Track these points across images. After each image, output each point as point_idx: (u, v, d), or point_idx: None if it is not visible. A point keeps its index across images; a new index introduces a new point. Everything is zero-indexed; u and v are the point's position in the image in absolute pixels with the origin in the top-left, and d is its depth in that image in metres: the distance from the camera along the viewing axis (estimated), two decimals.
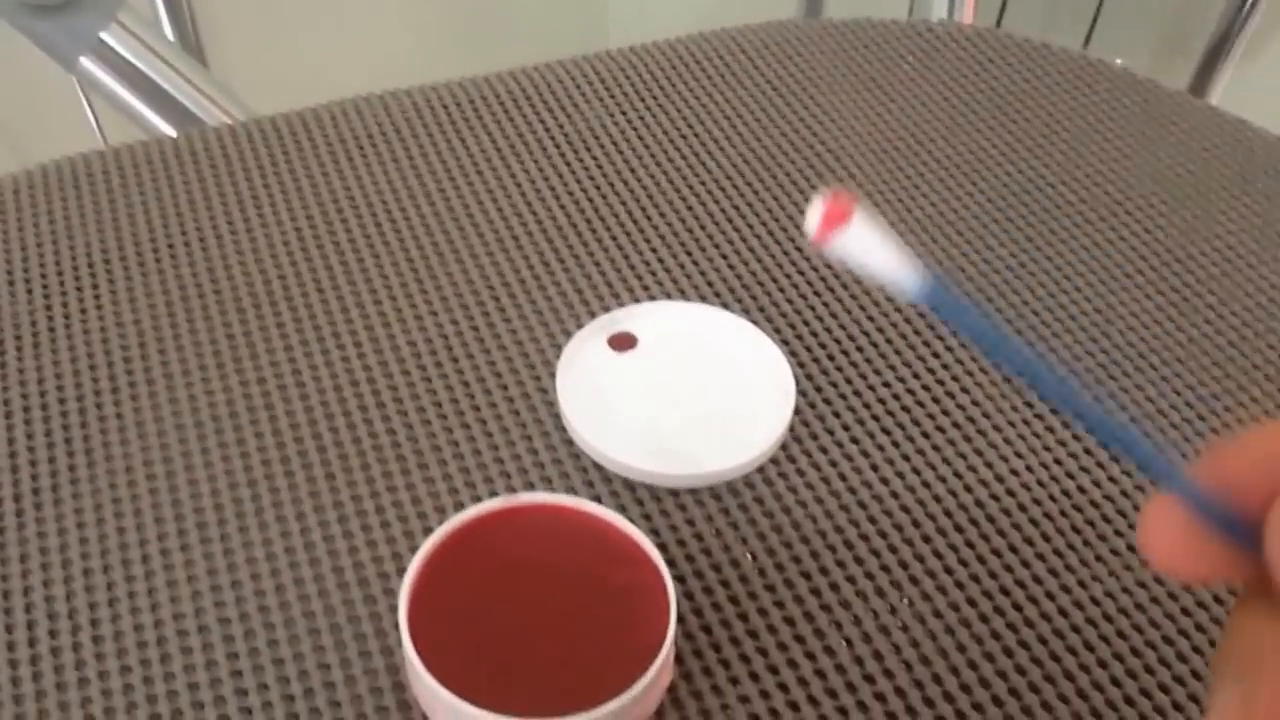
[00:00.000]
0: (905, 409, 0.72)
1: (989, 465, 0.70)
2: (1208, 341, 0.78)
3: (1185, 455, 0.71)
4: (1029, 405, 0.73)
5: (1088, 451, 0.71)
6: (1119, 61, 1.00)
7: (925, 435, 0.71)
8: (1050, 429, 0.72)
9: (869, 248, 0.39)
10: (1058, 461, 0.70)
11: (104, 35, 1.45)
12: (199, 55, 2.08)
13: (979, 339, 0.40)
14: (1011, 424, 0.72)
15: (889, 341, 0.76)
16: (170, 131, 1.46)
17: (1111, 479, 0.70)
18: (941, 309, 0.40)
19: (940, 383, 0.74)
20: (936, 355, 0.76)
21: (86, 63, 1.46)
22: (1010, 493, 0.69)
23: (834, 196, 0.38)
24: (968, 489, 0.69)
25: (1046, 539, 0.66)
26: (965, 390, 0.74)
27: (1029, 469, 0.70)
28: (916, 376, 0.74)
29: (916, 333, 0.77)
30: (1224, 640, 0.40)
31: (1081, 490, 0.69)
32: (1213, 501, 0.39)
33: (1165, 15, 2.13)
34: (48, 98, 1.85)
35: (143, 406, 0.71)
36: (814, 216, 0.39)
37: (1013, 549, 0.66)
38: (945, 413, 0.72)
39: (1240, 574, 0.39)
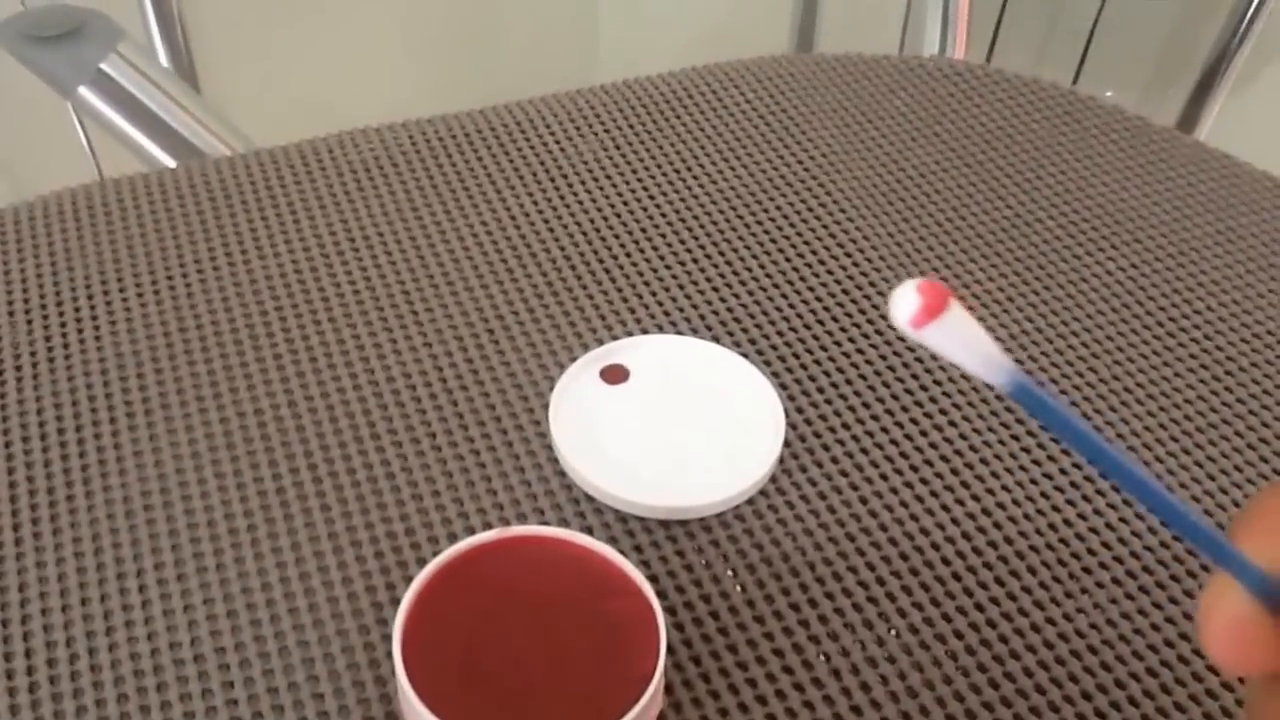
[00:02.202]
0: (894, 442, 0.73)
1: (976, 498, 0.70)
2: (1192, 375, 0.78)
3: (1171, 487, 0.72)
4: (1015, 439, 0.74)
5: (1074, 485, 0.71)
6: (1109, 94, 1.01)
7: (913, 468, 0.72)
8: (1036, 462, 0.72)
9: (961, 341, 0.39)
10: (1044, 495, 0.71)
11: (103, 65, 1.45)
12: (193, 83, 2.08)
13: (1064, 434, 0.41)
14: (998, 457, 0.73)
15: (878, 374, 0.77)
16: (169, 161, 1.47)
17: (1097, 511, 0.70)
18: (1027, 404, 0.40)
19: (928, 415, 0.75)
20: (925, 389, 0.76)
21: (85, 92, 1.46)
22: (997, 525, 0.69)
23: (930, 287, 0.38)
24: (955, 521, 0.69)
25: (1033, 571, 0.67)
26: (953, 424, 0.74)
27: (1015, 501, 0.70)
28: (905, 410, 0.75)
29: (905, 365, 0.77)
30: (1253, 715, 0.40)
31: (1067, 523, 0.69)
32: (1269, 581, 0.38)
33: (1156, 49, 2.14)
34: (42, 127, 1.86)
35: (141, 436, 0.72)
36: (907, 304, 0.39)
37: (999, 581, 0.66)
38: (933, 445, 0.73)
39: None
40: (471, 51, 2.27)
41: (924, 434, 0.74)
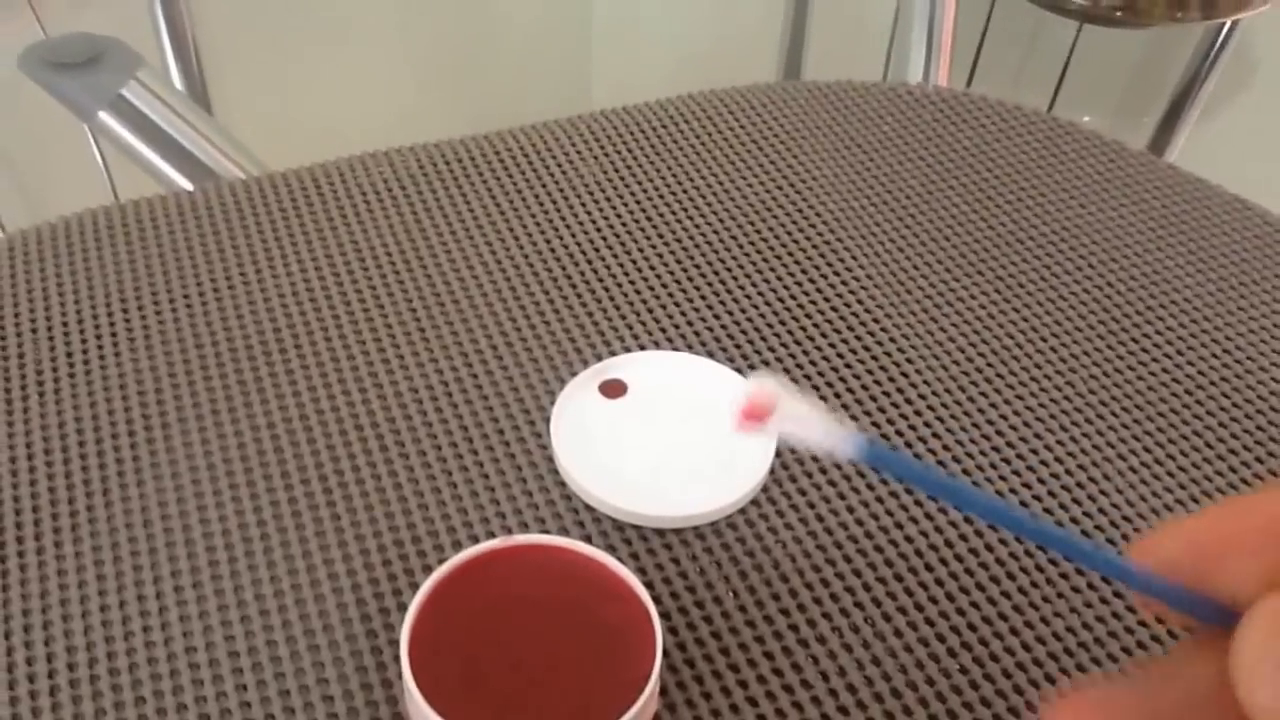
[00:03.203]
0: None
1: (958, 507, 0.70)
2: (1165, 390, 0.78)
3: (1144, 496, 0.72)
4: (995, 450, 0.74)
5: (1051, 493, 0.72)
6: (1085, 119, 1.01)
7: (899, 477, 0.72)
8: (1016, 472, 0.73)
9: (799, 431, 0.40)
10: (1023, 503, 0.71)
11: (123, 91, 1.46)
12: (205, 105, 2.09)
13: (918, 484, 0.41)
14: (980, 467, 0.73)
15: (865, 389, 0.77)
16: (185, 184, 1.47)
17: (1073, 519, 0.70)
18: (878, 465, 0.41)
19: (912, 428, 0.75)
20: (909, 402, 0.76)
21: (105, 117, 1.46)
22: (978, 532, 0.69)
23: (753, 399, 0.39)
24: (937, 529, 0.69)
25: (1012, 576, 0.67)
26: (936, 435, 0.74)
27: None
28: (890, 422, 0.75)
29: (891, 380, 0.78)
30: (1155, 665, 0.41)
31: None
32: (1165, 586, 0.40)
33: (1128, 76, 2.15)
34: (60, 150, 1.86)
35: (158, 449, 0.72)
36: (733, 410, 0.40)
37: (980, 586, 0.67)
38: (919, 456, 0.73)
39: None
40: (472, 78, 2.28)
41: (909, 445, 0.74)
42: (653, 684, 0.56)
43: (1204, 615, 0.39)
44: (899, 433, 0.74)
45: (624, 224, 0.88)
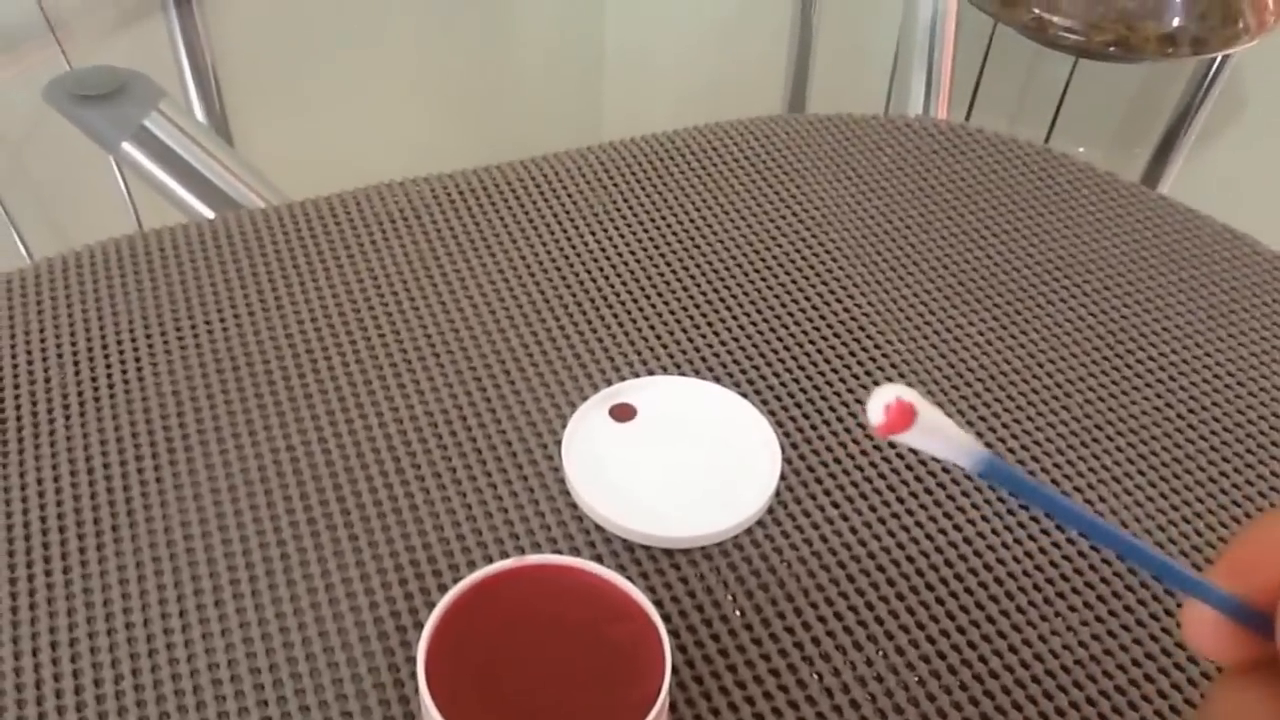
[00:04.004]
0: (882, 476, 0.73)
1: (958, 528, 0.71)
2: (1158, 415, 0.79)
3: (1139, 517, 0.72)
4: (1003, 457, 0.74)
5: (1048, 516, 0.72)
6: (1080, 150, 1.01)
7: (900, 501, 0.72)
8: (1014, 493, 0.73)
9: (931, 440, 0.40)
10: (1020, 525, 0.71)
11: (145, 122, 1.46)
12: (225, 136, 2.09)
13: (1036, 504, 0.42)
14: (979, 489, 0.73)
15: (866, 411, 0.77)
16: (206, 212, 1.47)
17: (1070, 540, 0.70)
18: (1000, 483, 0.41)
19: (914, 452, 0.75)
20: None
21: (128, 147, 1.47)
22: (977, 553, 0.69)
23: (897, 403, 0.39)
24: (938, 550, 0.69)
25: (1010, 596, 0.67)
26: (937, 459, 0.75)
27: (994, 531, 0.71)
28: (893, 446, 0.75)
29: None
30: (1205, 707, 0.41)
31: (1042, 551, 0.70)
32: (1227, 600, 0.40)
33: (1123, 110, 2.15)
34: (84, 180, 1.87)
35: (181, 471, 0.72)
36: (876, 414, 0.39)
37: (979, 605, 0.67)
38: (919, 479, 0.73)
39: (1253, 653, 0.41)
40: (485, 110, 2.28)
41: (909, 468, 0.74)
42: (662, 702, 0.56)
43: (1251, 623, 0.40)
44: (899, 455, 0.74)
45: (633, 252, 0.88)
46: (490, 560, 0.67)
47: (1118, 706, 0.62)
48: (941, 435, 0.40)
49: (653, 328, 0.82)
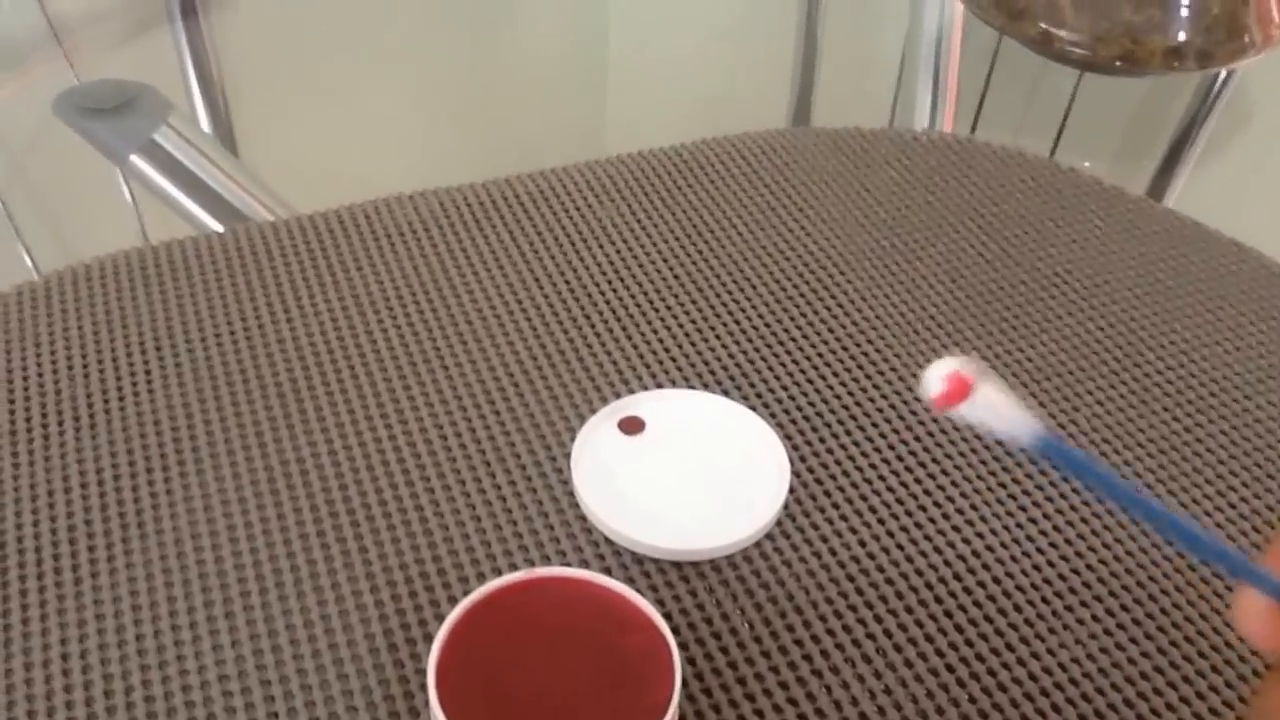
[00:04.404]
0: (890, 489, 0.73)
1: (966, 541, 0.71)
2: (1165, 429, 0.79)
3: (1145, 529, 0.72)
4: (1003, 486, 0.74)
5: (1056, 529, 0.72)
6: (1086, 164, 1.01)
7: (909, 513, 0.72)
8: (1023, 508, 0.73)
9: (988, 415, 0.40)
10: (1029, 538, 0.71)
11: (154, 135, 1.46)
12: (232, 149, 2.10)
13: (1093, 484, 0.41)
14: (987, 503, 0.73)
15: (875, 426, 0.77)
16: (214, 224, 1.47)
17: (1077, 554, 0.70)
18: (1056, 461, 0.41)
19: (922, 465, 0.75)
20: (918, 439, 0.77)
21: (136, 160, 1.47)
22: (986, 566, 0.69)
23: (957, 374, 0.39)
24: (947, 563, 0.69)
25: (1018, 609, 0.67)
26: (945, 472, 0.75)
27: (1003, 545, 0.71)
28: (900, 459, 0.75)
29: (900, 419, 0.78)
30: (1256, 702, 0.41)
31: (1050, 564, 0.70)
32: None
33: (1128, 123, 2.15)
34: (91, 193, 1.87)
35: (190, 482, 0.72)
36: (935, 386, 0.39)
37: (988, 618, 0.67)
38: (927, 493, 0.73)
39: None
40: (491, 124, 2.28)
41: (918, 481, 0.74)
42: (671, 713, 0.56)
43: None
44: (908, 469, 0.75)
45: (641, 265, 0.88)
46: (500, 572, 0.67)
47: None
48: (1000, 411, 0.40)
49: (661, 341, 0.82)
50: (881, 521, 0.72)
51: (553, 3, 2.62)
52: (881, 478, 0.74)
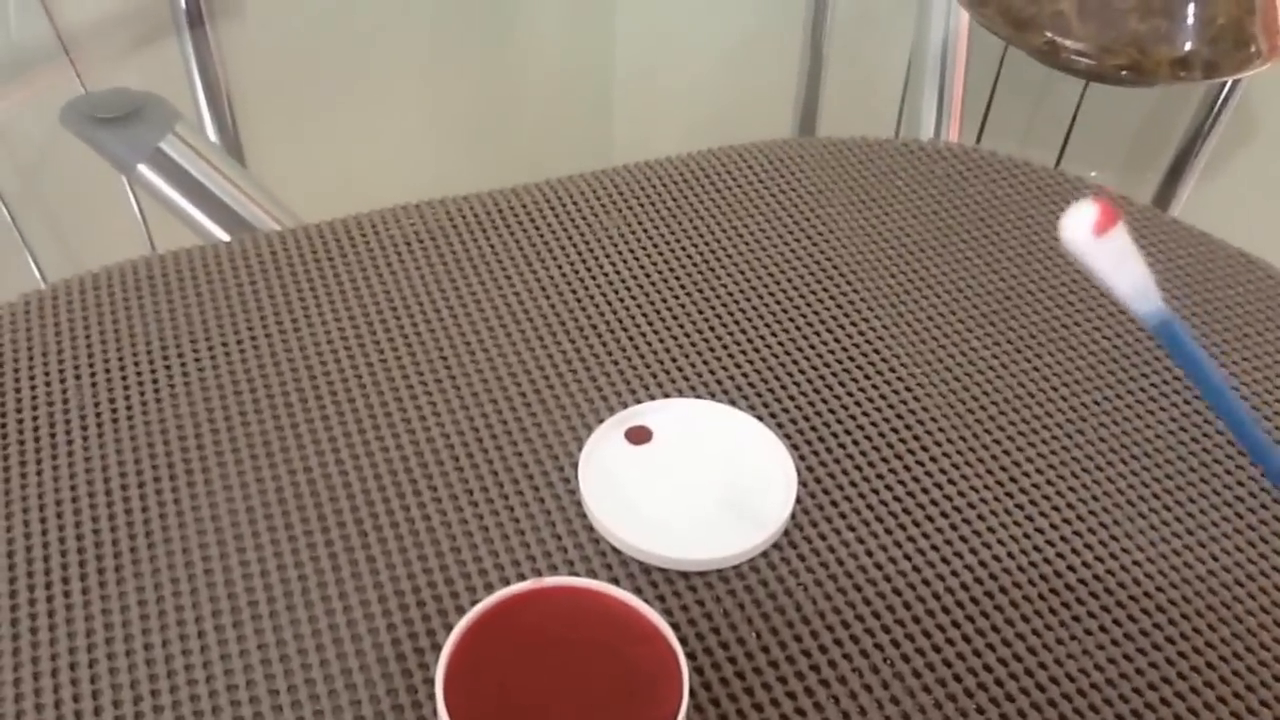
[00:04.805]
0: (898, 499, 0.73)
1: (974, 551, 0.71)
2: (1172, 439, 0.79)
3: (1154, 541, 0.72)
4: (1009, 496, 0.74)
5: (1064, 539, 0.72)
6: (1092, 174, 1.01)
7: (916, 524, 0.72)
8: (1029, 518, 0.73)
9: (1120, 263, 0.40)
10: (1036, 548, 0.71)
11: (161, 145, 1.47)
12: (239, 159, 2.10)
13: (1193, 374, 0.41)
14: (994, 513, 0.73)
15: (882, 435, 0.77)
16: (221, 234, 1.47)
17: (1085, 564, 0.70)
18: (1166, 340, 0.41)
19: (929, 474, 0.75)
20: (925, 449, 0.77)
21: (144, 170, 1.47)
22: (993, 576, 0.69)
23: (1104, 207, 0.38)
24: (955, 573, 0.69)
25: (1025, 619, 0.67)
26: (952, 482, 0.75)
27: (1010, 555, 0.71)
28: (907, 469, 0.75)
29: (907, 428, 0.78)
30: None
31: (1058, 574, 0.70)
32: None
33: (1133, 133, 2.15)
34: (98, 203, 1.87)
35: (199, 492, 0.72)
36: (1084, 217, 0.39)
37: (994, 629, 0.67)
38: (934, 503, 0.73)
39: None
40: (498, 134, 2.28)
41: (925, 491, 0.74)
42: None
43: None
44: (915, 478, 0.75)
45: (647, 275, 0.88)
46: (507, 582, 0.67)
47: None
48: (1131, 264, 0.40)
49: (668, 351, 0.82)
50: (889, 531, 0.72)
51: (560, 14, 2.62)
52: (889, 487, 0.74)
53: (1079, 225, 0.39)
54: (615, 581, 0.68)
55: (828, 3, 2.39)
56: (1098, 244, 0.39)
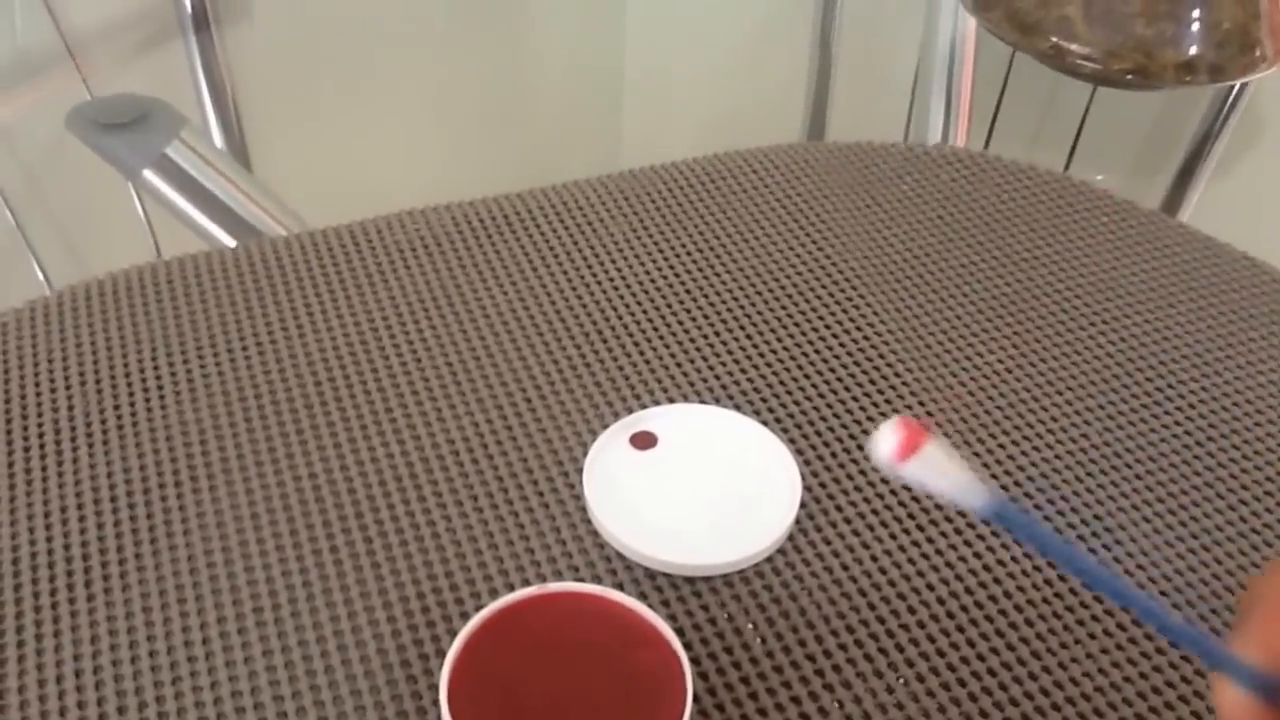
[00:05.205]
0: (902, 504, 0.74)
1: (978, 555, 0.71)
2: (1176, 441, 0.79)
3: (1157, 545, 0.72)
4: (1014, 500, 0.74)
5: (1066, 542, 0.72)
6: (1100, 178, 1.01)
7: (920, 528, 0.72)
8: (1023, 541, 0.73)
9: (939, 473, 0.40)
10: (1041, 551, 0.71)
11: (167, 150, 1.47)
12: (245, 164, 2.10)
13: (1042, 549, 0.42)
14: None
15: None
16: (227, 240, 1.48)
17: None
18: (1006, 525, 0.41)
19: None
20: None
21: (149, 175, 1.47)
22: (997, 580, 0.70)
23: (908, 427, 0.39)
24: (959, 577, 0.70)
25: (1029, 624, 0.68)
26: (940, 500, 0.75)
27: (1014, 558, 0.71)
28: None
29: None
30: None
31: (1062, 578, 0.70)
32: (1259, 677, 0.40)
33: (1142, 137, 2.15)
34: (103, 208, 1.87)
35: (203, 498, 0.72)
36: (887, 443, 0.40)
37: (999, 633, 0.67)
38: (938, 507, 0.74)
39: None
40: (506, 138, 2.29)
41: (929, 495, 0.74)
42: None
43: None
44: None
45: (653, 280, 0.88)
46: (512, 588, 0.68)
47: None
48: (949, 471, 0.41)
49: (673, 356, 0.82)
50: (893, 536, 0.72)
51: (569, 17, 2.62)
52: (893, 492, 0.74)
53: (885, 451, 0.40)
54: (619, 586, 0.68)
55: (837, 4, 2.39)
56: (908, 464, 0.40)
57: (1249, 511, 0.75)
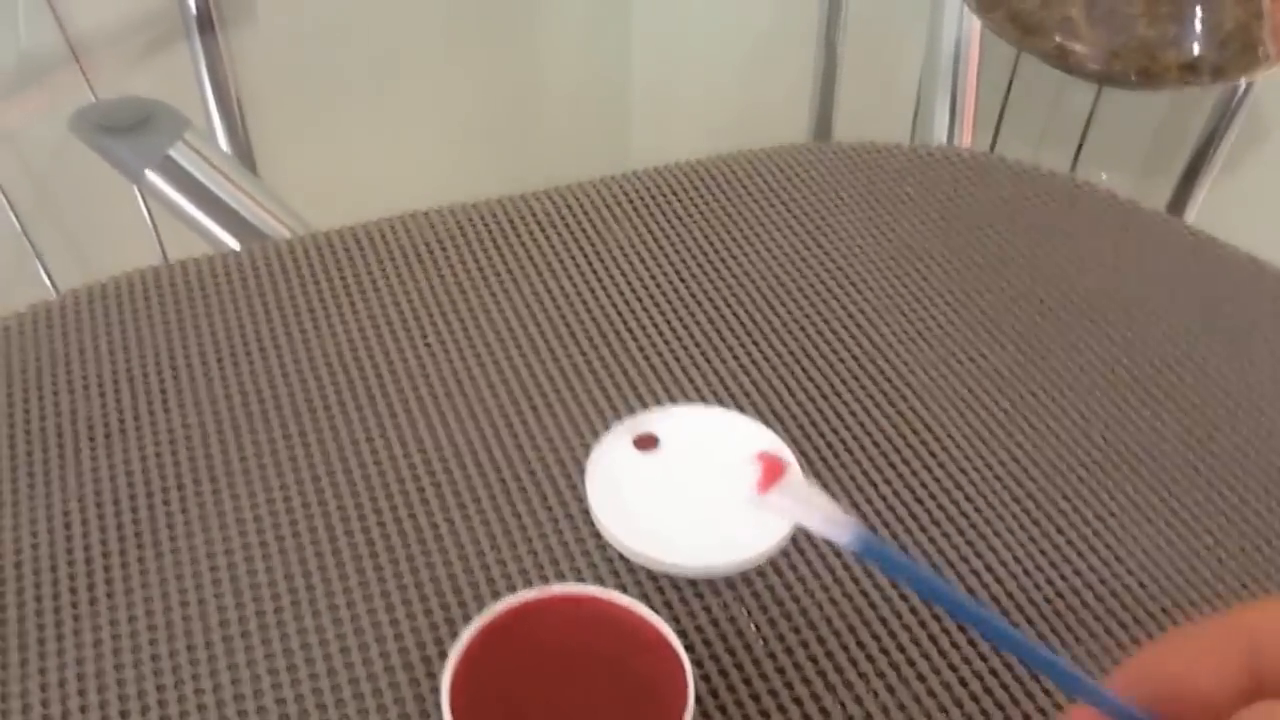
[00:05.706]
0: (904, 504, 0.74)
1: (980, 556, 0.71)
2: (1179, 441, 0.79)
3: (1160, 545, 0.72)
4: (1016, 501, 0.74)
5: (1070, 544, 0.72)
6: (1105, 178, 1.01)
7: (922, 529, 0.72)
8: (1035, 522, 0.73)
9: (805, 504, 0.41)
10: (1042, 552, 0.71)
11: (170, 153, 1.47)
12: (250, 166, 2.10)
13: (909, 583, 0.42)
14: (1001, 518, 0.73)
15: (889, 441, 0.78)
16: (230, 242, 1.48)
17: (1092, 569, 0.71)
18: (875, 561, 0.42)
19: (936, 480, 0.75)
20: (933, 455, 0.77)
21: (153, 178, 1.48)
22: (999, 581, 0.70)
23: (766, 460, 0.40)
24: (961, 579, 0.70)
25: (1032, 624, 0.68)
26: (959, 487, 0.75)
27: (1016, 560, 0.71)
28: (915, 474, 0.76)
29: (915, 433, 0.78)
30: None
31: (1064, 579, 0.70)
32: (1128, 710, 0.40)
33: (1148, 137, 2.15)
34: (108, 211, 1.88)
35: (205, 502, 0.73)
36: (747, 477, 0.40)
37: None
38: (941, 508, 0.74)
39: None
40: (511, 139, 2.29)
41: (933, 497, 0.74)
42: None
43: None
44: (923, 484, 0.75)
45: (656, 281, 0.88)
46: (514, 590, 0.68)
47: None
48: (813, 501, 0.41)
49: (676, 357, 0.82)
50: (897, 537, 0.72)
51: (575, 20, 2.62)
52: (896, 493, 0.74)
53: (745, 488, 0.40)
54: (622, 589, 0.68)
55: (842, 6, 2.39)
56: (770, 498, 0.40)
57: (1252, 512, 0.75)
